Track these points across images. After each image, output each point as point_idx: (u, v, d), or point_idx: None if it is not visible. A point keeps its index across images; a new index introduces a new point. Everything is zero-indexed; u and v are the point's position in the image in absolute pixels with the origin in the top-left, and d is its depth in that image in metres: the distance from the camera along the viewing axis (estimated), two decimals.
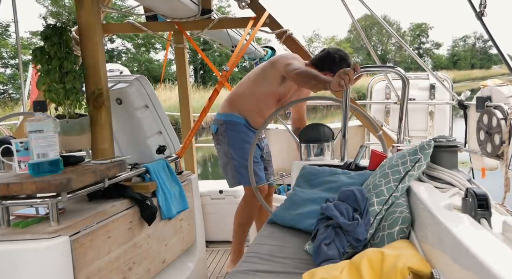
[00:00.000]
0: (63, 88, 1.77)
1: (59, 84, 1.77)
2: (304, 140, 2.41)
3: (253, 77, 2.68)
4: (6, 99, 18.16)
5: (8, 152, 1.56)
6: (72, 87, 1.79)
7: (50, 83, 1.77)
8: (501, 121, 2.46)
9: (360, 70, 2.09)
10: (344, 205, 1.48)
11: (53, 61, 1.77)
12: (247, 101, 2.64)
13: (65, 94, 1.78)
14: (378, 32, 47.80)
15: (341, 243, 1.40)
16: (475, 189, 1.04)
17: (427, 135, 4.19)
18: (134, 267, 1.77)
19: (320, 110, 16.67)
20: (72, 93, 1.80)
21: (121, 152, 2.31)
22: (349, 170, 1.97)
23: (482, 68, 52.21)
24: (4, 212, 1.42)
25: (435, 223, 1.01)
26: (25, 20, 35.22)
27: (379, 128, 2.51)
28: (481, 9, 2.27)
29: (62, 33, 1.78)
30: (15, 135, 3.08)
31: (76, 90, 1.82)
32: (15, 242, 1.34)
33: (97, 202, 1.72)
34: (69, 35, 1.82)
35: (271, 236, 1.79)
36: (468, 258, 0.77)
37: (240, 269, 1.45)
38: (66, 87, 1.77)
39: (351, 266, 1.13)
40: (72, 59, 1.80)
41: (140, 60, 27.78)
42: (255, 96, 2.61)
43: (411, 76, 4.23)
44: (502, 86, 2.78)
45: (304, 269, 1.36)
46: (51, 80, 1.77)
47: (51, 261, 1.34)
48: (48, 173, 1.46)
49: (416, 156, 1.43)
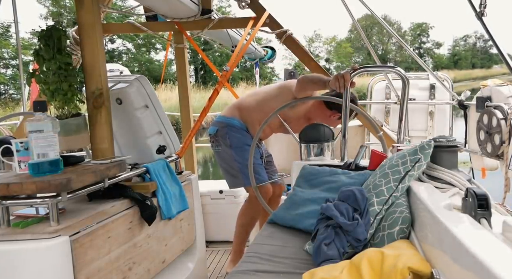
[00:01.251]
0: (48, 89, 1.78)
1: (55, 84, 1.78)
2: (304, 140, 2.41)
3: (268, 90, 2.74)
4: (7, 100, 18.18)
5: (8, 152, 1.56)
6: (59, 88, 1.79)
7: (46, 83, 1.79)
8: (501, 121, 2.46)
9: (358, 71, 2.15)
10: (344, 205, 1.48)
11: (45, 63, 1.79)
12: (254, 111, 2.67)
13: (51, 95, 1.79)
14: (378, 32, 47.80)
15: (341, 243, 1.40)
16: (475, 189, 1.04)
17: (427, 135, 4.19)
18: (134, 267, 1.77)
19: None
20: (59, 94, 1.80)
21: (121, 152, 2.31)
22: (349, 170, 1.97)
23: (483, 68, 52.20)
24: (4, 212, 1.42)
25: (435, 223, 1.01)
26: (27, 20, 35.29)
27: (379, 129, 2.51)
28: (481, 9, 2.27)
29: (51, 35, 1.79)
30: (15, 135, 3.08)
31: (64, 91, 1.82)
32: (15, 242, 1.34)
33: (97, 202, 1.72)
34: (64, 36, 1.83)
35: (271, 236, 1.79)
36: (468, 258, 0.77)
37: (240, 269, 1.45)
38: (50, 88, 1.78)
39: (351, 266, 1.13)
40: (58, 59, 1.80)
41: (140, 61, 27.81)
42: (262, 110, 2.62)
43: (411, 76, 4.23)
44: (502, 86, 2.78)
45: (304, 269, 1.36)
46: (39, 81, 1.79)
47: (51, 261, 1.34)
48: (48, 173, 1.46)
49: (416, 156, 1.43)
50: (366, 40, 3.57)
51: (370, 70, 2.88)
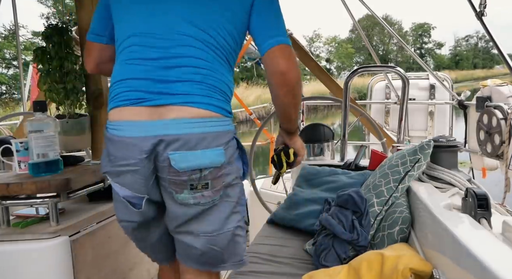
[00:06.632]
0: (63, 88, 1.77)
1: (59, 84, 1.78)
2: (304, 140, 2.40)
3: None
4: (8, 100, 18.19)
5: (8, 152, 1.56)
6: (73, 87, 1.79)
7: (50, 83, 1.78)
8: (501, 121, 2.45)
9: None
10: (343, 213, 1.45)
11: (54, 61, 1.77)
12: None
13: (65, 94, 1.78)
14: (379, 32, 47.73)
15: (342, 249, 1.39)
16: (475, 189, 1.04)
17: (427, 135, 4.19)
18: (134, 267, 1.77)
19: (321, 110, 16.68)
20: (73, 93, 1.81)
21: None
22: (349, 170, 1.97)
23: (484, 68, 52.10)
24: (4, 212, 1.42)
25: (435, 223, 1.01)
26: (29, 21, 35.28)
27: (383, 135, 2.51)
28: (481, 9, 2.27)
29: (62, 33, 1.79)
30: (15, 135, 3.08)
31: (77, 90, 1.82)
32: (15, 242, 1.35)
33: (97, 202, 1.72)
34: (70, 35, 1.83)
35: (271, 236, 1.78)
36: (468, 258, 0.76)
37: (240, 270, 1.45)
38: (66, 87, 1.78)
39: (350, 268, 1.13)
40: (73, 59, 1.80)
41: None
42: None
43: (411, 76, 4.23)
44: (502, 86, 2.78)
45: (304, 270, 1.36)
46: (52, 80, 1.77)
47: (51, 261, 1.35)
48: (48, 173, 1.46)
49: (416, 156, 1.43)
50: (366, 40, 3.57)
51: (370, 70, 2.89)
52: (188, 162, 1.11)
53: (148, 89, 1.13)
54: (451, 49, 59.25)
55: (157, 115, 1.12)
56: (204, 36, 1.16)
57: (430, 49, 54.04)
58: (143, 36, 1.17)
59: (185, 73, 1.14)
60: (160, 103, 1.12)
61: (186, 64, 1.15)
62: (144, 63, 1.16)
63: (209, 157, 1.12)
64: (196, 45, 1.15)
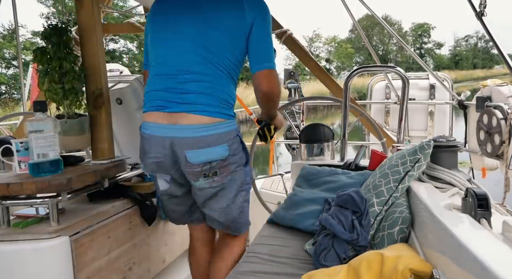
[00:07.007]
0: (61, 88, 1.77)
1: (58, 84, 1.77)
2: (304, 140, 2.41)
3: None
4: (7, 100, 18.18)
5: (8, 152, 1.56)
6: (71, 87, 1.79)
7: (49, 83, 1.78)
8: (501, 121, 2.45)
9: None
10: (343, 213, 1.45)
11: (53, 61, 1.77)
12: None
13: (64, 94, 1.78)
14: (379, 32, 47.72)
15: (341, 249, 1.39)
16: (475, 189, 1.04)
17: (427, 135, 4.19)
18: (134, 267, 1.77)
19: (321, 110, 16.69)
20: (71, 93, 1.80)
21: (121, 152, 2.31)
22: (349, 170, 1.97)
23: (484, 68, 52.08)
24: (4, 212, 1.42)
25: (435, 223, 1.01)
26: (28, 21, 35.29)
27: (383, 135, 2.50)
28: (481, 9, 2.27)
29: (62, 33, 1.78)
30: (15, 135, 3.09)
31: (75, 90, 1.82)
32: (15, 242, 1.35)
33: (97, 202, 1.72)
34: (69, 35, 1.82)
35: (271, 236, 1.78)
36: (468, 258, 0.76)
37: (240, 270, 1.45)
38: (65, 87, 1.78)
39: (349, 268, 1.13)
40: (72, 59, 1.80)
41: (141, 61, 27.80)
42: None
43: (411, 76, 4.23)
44: (502, 86, 2.78)
45: (304, 270, 1.36)
46: (50, 80, 1.77)
47: (51, 261, 1.35)
48: (48, 173, 1.46)
49: (416, 156, 1.43)
50: (366, 40, 3.57)
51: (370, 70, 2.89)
52: (200, 157, 1.49)
53: (168, 99, 1.50)
54: (450, 49, 59.24)
55: (173, 120, 1.49)
56: (211, 56, 1.50)
57: (429, 49, 54.01)
58: (165, 57, 1.56)
59: (195, 86, 1.49)
60: (176, 110, 1.49)
61: (196, 80, 1.50)
62: (165, 78, 1.53)
63: (216, 152, 1.50)
64: (204, 63, 1.50)
